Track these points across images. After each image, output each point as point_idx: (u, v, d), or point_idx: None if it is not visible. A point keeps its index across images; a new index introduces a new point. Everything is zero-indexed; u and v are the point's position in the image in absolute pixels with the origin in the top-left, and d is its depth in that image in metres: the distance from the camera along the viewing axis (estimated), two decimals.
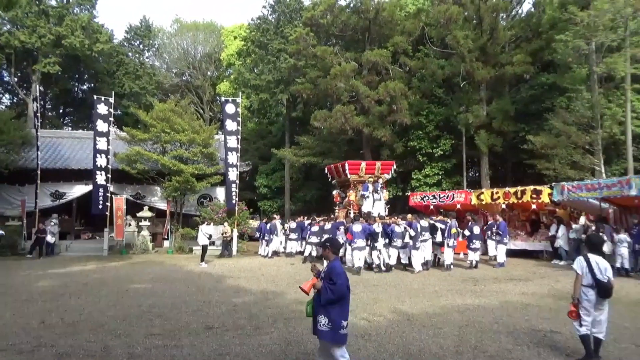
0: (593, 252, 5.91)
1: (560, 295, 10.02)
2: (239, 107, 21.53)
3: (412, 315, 8.29)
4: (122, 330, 7.34)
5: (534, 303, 9.37)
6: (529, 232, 18.50)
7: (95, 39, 33.85)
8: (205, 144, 22.17)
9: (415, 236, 14.24)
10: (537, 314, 8.39)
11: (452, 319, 8.03)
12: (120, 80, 38.77)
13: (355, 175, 18.61)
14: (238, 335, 7.07)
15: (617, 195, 13.94)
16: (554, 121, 20.37)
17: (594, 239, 6.24)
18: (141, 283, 12.04)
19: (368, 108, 25.54)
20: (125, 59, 40.36)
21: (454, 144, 26.42)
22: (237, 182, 21.02)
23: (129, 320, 8.02)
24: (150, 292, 10.72)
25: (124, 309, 8.91)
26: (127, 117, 36.59)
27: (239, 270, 14.69)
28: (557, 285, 11.55)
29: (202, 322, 7.87)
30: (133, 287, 11.33)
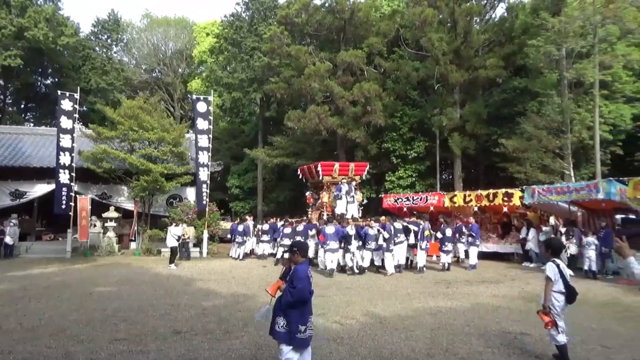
0: (556, 256, 5.96)
1: (530, 298, 10.26)
2: (210, 105, 21.32)
3: (384, 318, 8.34)
4: (84, 336, 7.15)
5: (504, 305, 9.57)
6: (500, 235, 18.88)
7: (60, 32, 32.97)
8: (176, 142, 21.89)
9: (389, 238, 14.36)
10: (508, 316, 8.56)
11: (424, 321, 8.12)
12: (87, 76, 37.87)
13: (329, 176, 18.65)
14: (207, 339, 6.98)
15: (586, 198, 14.37)
16: (525, 125, 20.87)
17: (556, 243, 6.27)
18: (106, 286, 11.77)
19: (342, 109, 25.65)
20: (91, 53, 39.44)
21: (427, 146, 26.77)
22: (208, 183, 20.81)
23: (93, 324, 7.83)
24: (115, 295, 10.50)
25: (87, 313, 8.69)
26: (93, 113, 35.83)
27: (209, 273, 14.53)
28: (527, 287, 11.81)
29: (170, 326, 7.74)
30: (97, 290, 11.07)
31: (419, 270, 14.77)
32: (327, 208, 18.03)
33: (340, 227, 14.48)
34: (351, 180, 18.27)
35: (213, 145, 22.87)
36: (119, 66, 41.66)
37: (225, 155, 36.84)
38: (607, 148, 21.80)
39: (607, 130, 20.92)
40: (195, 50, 39.84)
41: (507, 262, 17.34)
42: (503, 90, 25.92)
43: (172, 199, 23.51)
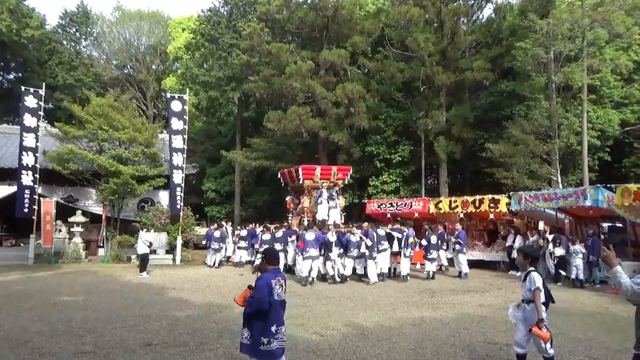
0: (535, 264, 5.95)
1: None
2: (186, 104, 21.18)
3: (366, 329, 8.37)
4: (47, 348, 7.00)
5: (490, 315, 9.68)
6: (486, 243, 19.11)
7: (24, 24, 32.39)
8: (148, 143, 21.69)
9: (372, 246, 14.41)
10: (494, 327, 8.66)
11: (408, 332, 8.17)
12: (53, 71, 37.26)
13: (310, 180, 18.66)
14: (179, 352, 6.90)
15: (573, 205, 14.66)
16: (512, 129, 21.23)
17: (534, 251, 6.35)
18: (72, 295, 11.56)
19: (325, 110, 25.73)
20: (59, 47, 38.84)
21: (412, 150, 27.02)
22: (183, 186, 20.65)
23: (56, 336, 7.67)
24: (81, 305, 10.31)
25: (51, 324, 8.52)
26: (59, 111, 35.26)
27: (182, 281, 14.39)
28: (513, 296, 11.96)
29: (140, 338, 7.64)
30: (62, 300, 10.86)
31: (403, 279, 14.85)
32: (308, 213, 18.03)
33: (321, 234, 14.49)
34: (333, 185, 18.32)
35: (188, 147, 22.71)
36: (88, 61, 41.11)
37: (201, 157, 36.60)
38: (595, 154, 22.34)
39: (595, 135, 21.43)
40: (170, 46, 39.53)
41: (493, 271, 17.55)
42: (490, 93, 26.34)
43: (144, 203, 23.26)
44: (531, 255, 5.98)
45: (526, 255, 5.96)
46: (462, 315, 9.64)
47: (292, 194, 20.35)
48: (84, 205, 22.34)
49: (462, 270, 15.90)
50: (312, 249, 14.10)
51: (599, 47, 20.66)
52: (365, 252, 14.57)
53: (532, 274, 5.72)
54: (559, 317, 9.53)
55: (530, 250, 6.22)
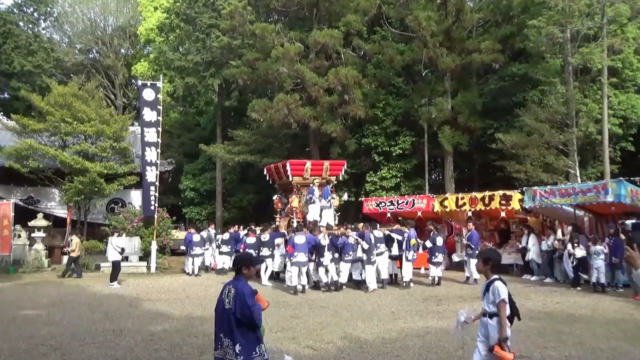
0: (497, 271, 5.54)
1: (531, 315, 10.47)
2: (159, 93, 21.08)
3: (365, 342, 8.40)
4: None
5: None
6: (497, 244, 19.19)
7: None
8: (117, 137, 21.63)
9: (369, 249, 14.45)
10: None
11: (411, 344, 8.21)
12: (8, 56, 36.88)
13: (299, 177, 18.65)
14: None
15: (593, 201, 14.76)
16: (525, 117, 21.29)
17: (496, 255, 5.84)
18: (33, 309, 11.51)
19: (316, 98, 25.70)
20: (14, 29, 38.41)
21: (414, 141, 27.05)
22: (157, 185, 20.56)
23: (17, 355, 7.65)
24: (45, 319, 10.28)
25: (10, 340, 8.48)
26: (16, 102, 34.95)
27: (158, 292, 14.37)
28: (527, 303, 12.06)
29: (111, 355, 7.63)
30: (23, 314, 10.82)
31: (405, 286, 14.91)
32: (298, 214, 18.04)
33: (312, 236, 14.51)
34: (326, 182, 18.32)
35: (163, 141, 22.62)
36: (49, 45, 40.71)
37: (178, 152, 36.40)
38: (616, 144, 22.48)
39: (616, 123, 21.57)
40: (141, 27, 39.23)
41: (505, 275, 17.61)
42: (500, 78, 26.41)
43: (114, 204, 23.20)
44: (492, 260, 5.57)
45: (487, 261, 5.53)
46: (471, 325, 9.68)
47: (280, 193, 20.34)
48: (46, 207, 22.25)
49: (470, 276, 15.95)
50: (300, 254, 14.09)
51: (621, 24, 20.77)
52: (361, 256, 14.61)
53: (496, 284, 5.33)
54: (578, 325, 9.62)
55: (491, 254, 5.83)
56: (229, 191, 35.23)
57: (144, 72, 36.38)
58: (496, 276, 5.41)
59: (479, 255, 5.86)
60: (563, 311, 11.14)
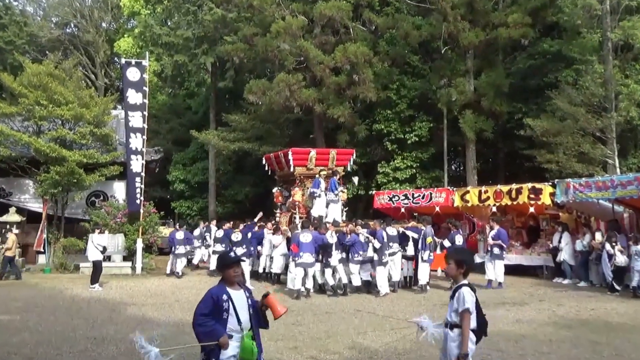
0: (466, 275, 5.30)
1: (563, 323, 10.48)
2: (145, 72, 21.06)
3: (375, 352, 8.40)
4: None
5: (530, 333, 9.74)
6: (525, 243, 19.18)
7: None
8: (98, 122, 21.62)
9: (381, 248, 14.45)
10: (534, 348, 8.72)
11: (427, 356, 8.20)
12: None
13: (303, 167, 18.64)
14: None
15: (634, 195, 14.66)
16: (558, 100, 21.18)
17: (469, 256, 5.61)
18: (6, 313, 11.56)
19: (321, 78, 25.63)
20: None
21: (432, 127, 26.98)
22: (143, 176, 20.59)
23: None
24: (18, 325, 10.32)
25: None
26: None
27: (144, 295, 14.42)
28: (559, 310, 12.05)
29: None
30: None
31: (421, 289, 14.91)
32: (301, 209, 18.05)
33: (319, 234, 14.52)
34: (332, 173, 18.30)
35: (149, 126, 22.63)
36: (21, 19, 40.80)
37: (166, 139, 36.43)
38: None
39: None
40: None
41: (534, 278, 17.64)
42: (530, 56, 26.25)
43: (95, 197, 23.24)
44: (466, 263, 5.26)
45: (461, 263, 5.23)
46: (495, 334, 9.68)
47: (281, 185, 20.33)
48: (19, 200, 22.29)
49: (492, 279, 15.87)
50: (306, 254, 14.11)
51: None
52: (372, 256, 14.62)
53: (462, 290, 5.08)
54: (616, 334, 9.60)
55: (466, 256, 5.51)
56: (223, 183, 35.24)
57: (127, 49, 36.32)
58: (465, 281, 5.20)
59: (449, 256, 5.50)
60: (599, 319, 11.11)
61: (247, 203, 33.93)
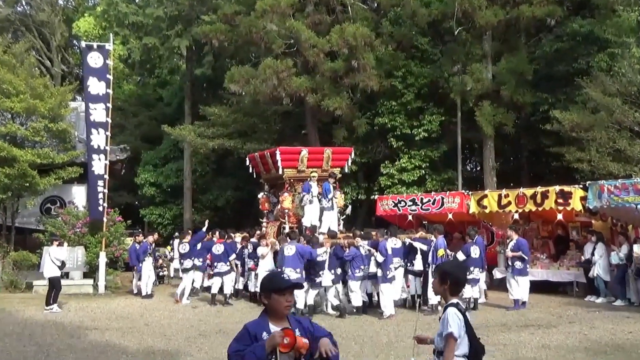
0: (457, 293, 5.19)
1: (596, 349, 10.49)
2: (109, 58, 21.02)
3: None
4: None
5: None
6: (552, 256, 19.17)
7: None
8: (54, 115, 21.58)
9: (385, 262, 14.44)
10: None
11: None
12: None
13: (292, 169, 18.64)
14: None
15: None
16: (590, 90, 21.23)
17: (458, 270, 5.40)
18: None
19: (314, 64, 25.63)
20: None
21: (443, 121, 27.01)
22: (107, 178, 20.54)
23: None
24: None
25: None
26: None
27: (108, 318, 14.38)
28: (591, 333, 12.07)
29: None
30: None
31: (431, 310, 14.90)
32: (291, 218, 18.04)
33: (304, 247, 14.53)
34: (328, 176, 18.31)
35: (114, 120, 22.60)
36: None
37: (134, 135, 36.39)
38: None
39: None
40: None
41: (563, 296, 17.64)
42: (557, 38, 26.30)
43: (50, 203, 23.18)
44: (454, 279, 5.05)
45: (444, 277, 5.05)
46: None
47: (267, 190, 20.31)
48: None
49: (518, 298, 15.83)
50: (288, 269, 14.03)
51: None
52: (376, 271, 14.61)
53: (447, 311, 4.97)
54: None
55: (453, 268, 5.36)
56: (200, 187, 35.19)
57: (88, 31, 36.24)
58: (454, 300, 5.02)
59: (434, 270, 5.43)
60: (638, 344, 11.13)
61: (229, 210, 33.90)
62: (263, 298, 4.33)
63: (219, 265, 17.17)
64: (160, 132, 32.99)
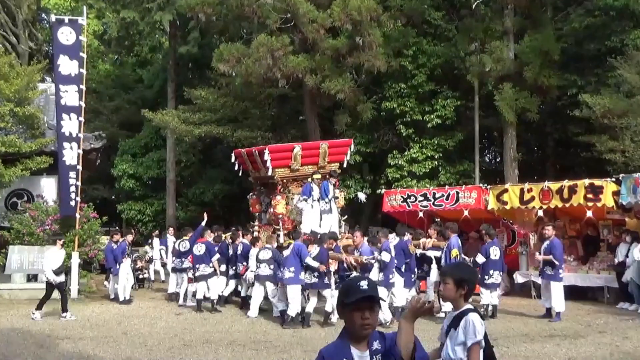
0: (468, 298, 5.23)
1: None
2: (83, 34, 20.98)
3: None
4: None
5: None
6: (581, 258, 19.18)
7: None
8: (21, 98, 21.54)
9: (389, 265, 14.48)
10: None
11: None
12: None
13: (285, 168, 18.63)
14: None
15: None
16: (624, 71, 21.21)
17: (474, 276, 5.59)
18: None
19: (314, 42, 25.60)
20: None
21: (459, 106, 27.01)
22: (80, 169, 20.54)
23: None
24: None
25: None
26: None
27: (82, 327, 14.38)
28: (624, 344, 12.09)
29: None
30: None
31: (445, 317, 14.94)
32: (286, 223, 18.03)
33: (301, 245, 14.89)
34: (328, 176, 18.30)
35: (88, 104, 22.57)
36: None
37: (110, 121, 36.39)
38: None
39: None
40: None
41: (593, 303, 17.63)
42: (587, 12, 26.26)
43: (16, 197, 23.18)
44: (472, 285, 5.18)
45: (461, 283, 5.06)
46: None
47: (258, 190, 20.25)
48: None
49: (552, 307, 15.56)
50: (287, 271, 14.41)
51: None
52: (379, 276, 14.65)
53: (470, 317, 5.00)
54: None
55: (466, 271, 5.43)
56: (185, 179, 35.22)
57: (59, 3, 36.26)
58: (470, 306, 5.09)
59: (446, 273, 5.39)
60: None
61: (217, 206, 33.91)
62: (340, 314, 3.92)
63: (201, 267, 17.11)
64: (140, 118, 32.97)
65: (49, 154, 21.49)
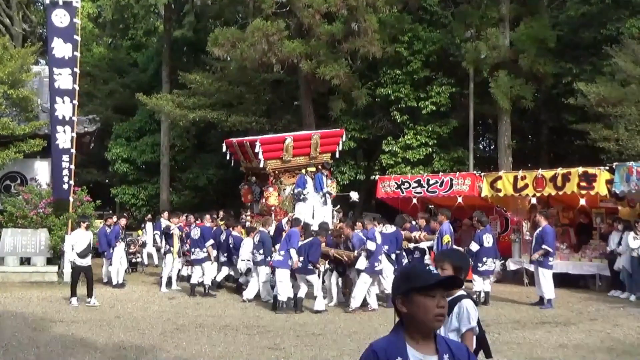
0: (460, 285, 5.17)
1: (620, 349, 10.54)
2: (77, 16, 20.88)
3: None
4: None
5: None
6: (574, 245, 19.22)
7: None
8: (14, 81, 21.45)
9: (376, 251, 14.43)
10: None
11: None
12: None
13: (276, 159, 18.59)
14: None
15: None
16: (619, 59, 21.20)
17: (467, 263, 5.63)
18: None
19: (309, 27, 25.53)
20: None
21: (454, 93, 26.98)
22: (73, 153, 20.49)
23: None
24: None
25: None
26: None
27: (74, 310, 14.39)
28: (615, 331, 12.14)
29: None
30: None
31: None
32: (278, 214, 18.03)
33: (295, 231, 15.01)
34: (322, 167, 18.29)
35: (82, 88, 22.50)
36: None
37: (105, 105, 36.27)
38: None
39: None
40: None
41: (584, 291, 17.69)
42: (583, 0, 26.22)
43: (10, 180, 23.11)
44: (465, 272, 5.22)
45: (459, 269, 5.07)
46: None
47: (251, 180, 20.21)
48: None
49: (544, 295, 15.64)
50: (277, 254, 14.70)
51: None
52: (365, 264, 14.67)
53: (463, 303, 4.96)
54: None
55: (462, 258, 5.48)
56: (179, 164, 35.15)
57: None
58: (463, 292, 5.04)
59: (444, 259, 5.30)
60: None
61: (211, 190, 33.87)
62: (399, 304, 3.23)
63: (196, 252, 17.15)
64: (135, 102, 32.88)
65: (42, 137, 21.43)
